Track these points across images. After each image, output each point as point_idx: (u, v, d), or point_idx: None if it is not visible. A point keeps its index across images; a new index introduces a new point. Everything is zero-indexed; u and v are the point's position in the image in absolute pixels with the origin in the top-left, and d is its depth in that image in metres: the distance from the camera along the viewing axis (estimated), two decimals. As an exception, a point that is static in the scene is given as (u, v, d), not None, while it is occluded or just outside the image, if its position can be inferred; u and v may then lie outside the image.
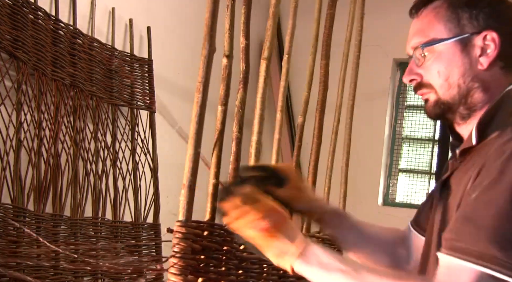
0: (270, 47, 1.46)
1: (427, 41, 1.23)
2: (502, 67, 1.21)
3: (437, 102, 1.24)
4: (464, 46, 1.21)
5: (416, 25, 1.27)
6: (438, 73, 1.22)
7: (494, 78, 1.21)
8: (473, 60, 1.20)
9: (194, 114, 1.12)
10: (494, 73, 1.21)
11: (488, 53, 1.19)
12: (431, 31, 1.23)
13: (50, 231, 2.28)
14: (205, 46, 1.12)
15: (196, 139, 1.13)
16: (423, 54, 1.24)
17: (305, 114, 1.80)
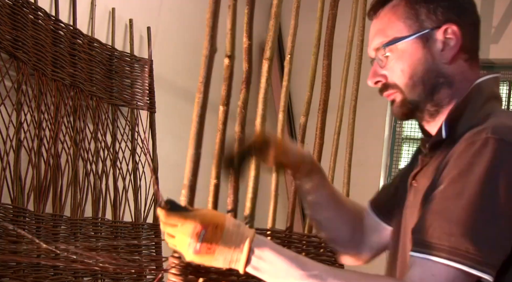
0: (272, 47, 1.46)
1: (388, 41, 1.20)
2: (466, 60, 1.19)
3: (403, 101, 1.21)
4: (425, 42, 1.18)
5: (376, 26, 1.25)
6: (402, 72, 1.19)
7: (459, 71, 1.18)
8: (436, 56, 1.17)
9: (195, 114, 1.12)
10: (458, 66, 1.18)
11: (450, 47, 1.17)
12: (391, 30, 1.20)
13: (50, 231, 2.28)
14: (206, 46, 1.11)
15: (197, 139, 1.12)
16: (385, 55, 1.21)
17: (307, 114, 1.80)
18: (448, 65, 1.17)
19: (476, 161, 1.01)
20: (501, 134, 1.03)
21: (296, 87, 3.80)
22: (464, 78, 1.18)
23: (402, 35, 1.19)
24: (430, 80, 1.18)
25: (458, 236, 0.99)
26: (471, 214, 0.99)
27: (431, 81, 1.18)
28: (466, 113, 1.15)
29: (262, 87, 1.45)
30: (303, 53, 2.62)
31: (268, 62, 1.46)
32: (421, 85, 1.18)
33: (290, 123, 4.18)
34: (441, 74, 1.18)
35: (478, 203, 0.99)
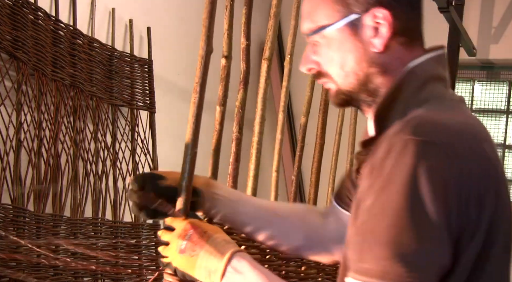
0: (272, 47, 1.46)
1: (316, 28, 1.08)
2: (403, 43, 1.06)
3: (338, 91, 1.10)
4: (355, 28, 1.05)
5: (305, 7, 1.12)
6: (332, 62, 1.08)
7: (394, 57, 1.06)
8: (367, 43, 1.05)
9: (191, 115, 1.11)
10: (393, 52, 1.05)
11: (381, 33, 1.04)
12: (318, 15, 1.08)
13: (50, 231, 2.28)
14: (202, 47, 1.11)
15: (193, 139, 1.12)
16: (315, 41, 1.10)
17: (307, 114, 1.80)
18: (380, 53, 1.05)
19: (395, 171, 0.90)
20: (422, 134, 0.91)
21: (296, 87, 3.80)
22: (401, 64, 1.05)
23: (329, 22, 1.06)
24: (363, 70, 1.06)
25: (389, 259, 0.89)
26: (399, 233, 0.89)
27: (363, 71, 1.06)
28: (397, 104, 1.03)
29: (261, 87, 1.45)
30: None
31: (267, 62, 1.46)
32: (353, 75, 1.07)
33: (290, 123, 4.18)
34: (374, 63, 1.05)
35: (404, 220, 0.88)
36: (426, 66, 1.06)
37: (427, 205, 0.88)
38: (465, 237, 0.91)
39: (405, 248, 0.88)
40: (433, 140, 0.90)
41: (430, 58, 1.07)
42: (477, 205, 0.91)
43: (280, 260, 1.54)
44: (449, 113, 0.99)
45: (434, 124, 0.94)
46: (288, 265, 1.59)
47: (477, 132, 0.98)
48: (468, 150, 0.92)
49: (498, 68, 4.03)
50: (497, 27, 3.88)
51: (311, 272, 1.70)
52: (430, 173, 0.88)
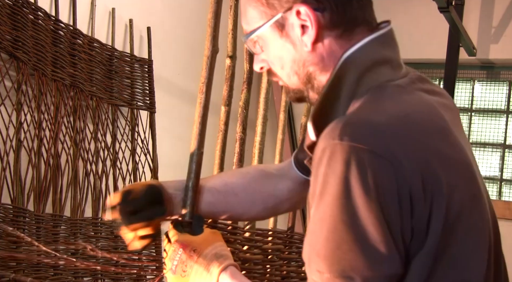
0: (273, 47, 1.46)
1: (249, 31, 1.04)
2: (337, 36, 0.99)
3: (287, 89, 1.07)
4: (282, 28, 1.00)
5: (241, 10, 1.08)
6: (273, 62, 1.04)
7: (330, 52, 0.99)
8: (297, 43, 0.99)
9: (197, 115, 1.11)
10: (327, 47, 0.99)
11: (307, 30, 0.97)
12: (250, 18, 1.04)
13: (50, 232, 2.27)
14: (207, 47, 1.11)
15: (200, 139, 1.12)
16: (253, 42, 1.05)
17: (308, 114, 1.79)
18: (313, 51, 0.99)
19: (328, 179, 0.85)
20: (350, 136, 0.84)
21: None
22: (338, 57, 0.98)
23: (258, 25, 1.02)
24: (301, 70, 1.01)
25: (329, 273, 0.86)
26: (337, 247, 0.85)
27: (302, 71, 1.01)
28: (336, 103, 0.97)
29: (263, 87, 1.45)
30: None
31: (269, 62, 1.45)
32: (295, 74, 1.02)
33: (290, 124, 4.18)
34: (309, 62, 1.00)
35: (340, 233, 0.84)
36: (364, 52, 0.98)
37: (363, 216, 0.83)
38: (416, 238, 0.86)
39: (342, 263, 0.84)
40: (361, 144, 0.83)
41: (369, 41, 0.99)
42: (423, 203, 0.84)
43: (281, 260, 1.54)
44: (388, 104, 0.91)
45: (364, 124, 0.87)
46: (289, 265, 1.59)
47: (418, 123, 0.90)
48: (401, 147, 0.85)
49: (498, 68, 4.03)
50: (497, 27, 3.88)
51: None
52: (361, 181, 0.82)
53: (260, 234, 1.46)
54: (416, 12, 4.00)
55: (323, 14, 0.97)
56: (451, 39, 3.49)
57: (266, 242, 1.49)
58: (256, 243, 1.43)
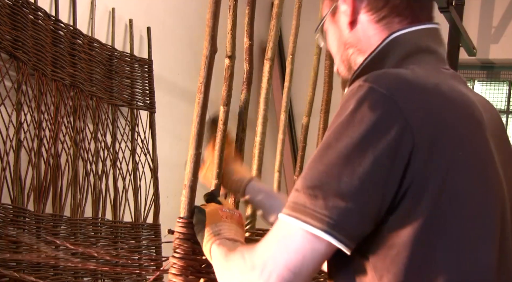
0: (274, 47, 1.46)
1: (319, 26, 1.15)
2: (377, 21, 1.04)
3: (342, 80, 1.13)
4: (334, 16, 1.10)
5: None
6: (332, 52, 1.13)
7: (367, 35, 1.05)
8: (343, 27, 1.08)
9: (195, 115, 1.11)
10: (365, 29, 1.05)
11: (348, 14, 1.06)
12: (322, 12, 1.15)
13: (50, 232, 2.27)
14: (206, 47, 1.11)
15: (198, 139, 1.12)
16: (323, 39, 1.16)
17: (309, 114, 1.80)
18: (351, 33, 1.06)
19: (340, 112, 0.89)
20: (374, 80, 0.88)
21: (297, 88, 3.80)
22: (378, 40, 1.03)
23: (324, 15, 1.13)
24: (344, 54, 1.09)
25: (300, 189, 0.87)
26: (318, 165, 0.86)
27: (345, 55, 1.09)
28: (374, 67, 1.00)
29: (264, 87, 1.45)
30: (304, 53, 2.61)
31: (270, 62, 1.45)
32: (342, 63, 1.11)
33: (291, 124, 4.18)
34: (348, 44, 1.07)
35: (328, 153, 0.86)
36: (412, 36, 1.02)
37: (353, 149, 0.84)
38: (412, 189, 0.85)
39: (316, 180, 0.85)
40: (381, 88, 0.86)
41: (418, 30, 1.02)
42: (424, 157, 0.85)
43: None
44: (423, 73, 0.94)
45: (392, 74, 0.91)
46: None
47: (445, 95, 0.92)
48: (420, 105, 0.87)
49: (498, 68, 4.03)
50: (497, 27, 3.88)
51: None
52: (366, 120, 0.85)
53: (260, 234, 1.46)
54: (416, 12, 4.00)
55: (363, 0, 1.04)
56: (451, 39, 3.49)
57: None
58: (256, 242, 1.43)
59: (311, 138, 1.79)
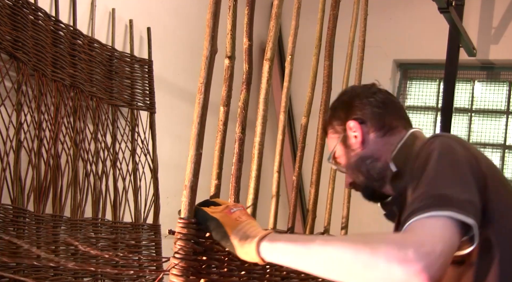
0: (273, 48, 1.46)
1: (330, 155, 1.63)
2: (383, 135, 1.52)
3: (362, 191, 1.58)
4: (345, 142, 1.56)
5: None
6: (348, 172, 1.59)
7: (380, 145, 1.51)
8: (354, 146, 1.54)
9: (195, 115, 1.11)
10: (375, 143, 1.52)
11: (357, 136, 1.53)
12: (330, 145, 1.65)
13: (50, 232, 2.27)
14: (206, 47, 1.11)
15: (198, 140, 1.12)
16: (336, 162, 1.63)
17: (308, 115, 1.79)
18: (365, 149, 1.52)
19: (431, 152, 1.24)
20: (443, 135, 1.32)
21: (296, 88, 3.81)
22: (388, 148, 1.50)
23: (333, 147, 1.61)
24: (363, 166, 1.52)
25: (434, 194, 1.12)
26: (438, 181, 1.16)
27: (364, 167, 1.52)
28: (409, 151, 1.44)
29: (263, 88, 1.45)
30: (304, 53, 2.61)
31: (269, 63, 1.45)
32: (359, 174, 1.54)
33: (290, 124, 4.18)
34: (365, 157, 1.52)
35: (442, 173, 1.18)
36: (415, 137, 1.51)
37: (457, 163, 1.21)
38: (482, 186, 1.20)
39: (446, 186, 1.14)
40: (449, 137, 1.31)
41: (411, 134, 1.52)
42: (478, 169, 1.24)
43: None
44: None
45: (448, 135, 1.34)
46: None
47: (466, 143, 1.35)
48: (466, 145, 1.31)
49: (498, 69, 4.03)
50: (497, 28, 3.88)
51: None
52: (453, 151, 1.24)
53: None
54: (416, 12, 4.01)
55: (368, 123, 1.54)
56: (451, 40, 3.49)
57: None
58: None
59: (310, 139, 1.79)
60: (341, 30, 1.98)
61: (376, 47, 4.00)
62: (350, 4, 2.09)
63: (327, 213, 1.92)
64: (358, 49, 2.11)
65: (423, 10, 3.92)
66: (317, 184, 1.82)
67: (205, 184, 1.34)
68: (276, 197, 1.64)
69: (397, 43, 4.07)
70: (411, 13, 4.04)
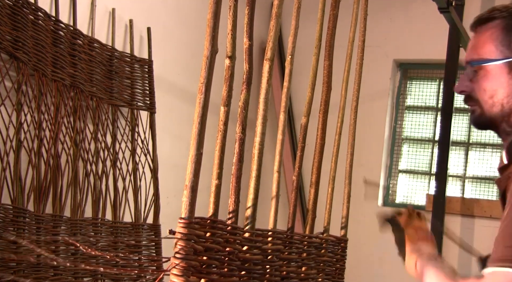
0: (273, 48, 1.46)
1: (478, 59, 1.32)
2: None
3: (481, 116, 1.34)
4: (510, 68, 1.29)
5: (472, 41, 1.37)
6: (484, 91, 1.31)
7: None
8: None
9: (196, 115, 1.11)
10: None
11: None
12: (483, 50, 1.32)
13: (50, 232, 2.27)
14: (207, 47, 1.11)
15: (199, 140, 1.12)
16: (474, 70, 1.33)
17: (308, 115, 1.79)
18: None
19: None
20: None
21: (296, 88, 3.81)
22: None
23: (492, 58, 1.31)
24: (509, 103, 1.30)
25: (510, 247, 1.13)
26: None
27: (509, 105, 1.30)
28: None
29: (263, 88, 1.45)
30: (304, 54, 2.62)
31: (269, 63, 1.45)
32: (499, 106, 1.30)
33: (290, 124, 4.18)
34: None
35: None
36: None
37: None
38: None
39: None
40: None
41: None
42: None
43: (281, 260, 1.54)
44: None
45: None
46: (289, 266, 1.59)
47: None
48: None
49: (498, 69, 4.03)
50: (497, 28, 3.88)
51: (311, 273, 1.70)
52: None
53: (260, 234, 1.46)
54: (416, 12, 4.01)
55: None
56: (451, 39, 3.49)
57: (266, 243, 1.49)
58: (256, 243, 1.43)
59: (310, 139, 1.79)
60: (341, 30, 1.98)
61: (376, 47, 4.01)
62: (350, 4, 2.09)
63: (327, 213, 1.92)
64: (358, 49, 2.11)
65: (423, 10, 3.92)
66: (317, 184, 1.82)
67: (206, 184, 1.34)
68: (276, 197, 1.64)
69: (397, 43, 4.07)
70: (411, 13, 4.04)
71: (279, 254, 1.54)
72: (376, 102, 4.11)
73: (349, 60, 2.04)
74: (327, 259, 1.79)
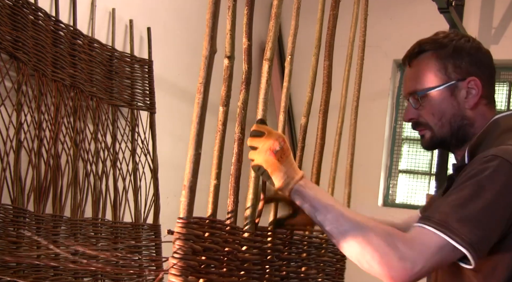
0: (273, 48, 1.46)
1: (422, 89, 1.47)
2: (485, 104, 1.46)
3: (432, 138, 1.50)
4: (452, 91, 1.45)
5: (410, 73, 1.52)
6: (433, 115, 1.47)
7: (480, 113, 1.46)
8: (461, 102, 1.45)
9: (195, 115, 1.11)
10: (479, 110, 1.46)
11: (472, 96, 1.44)
12: (423, 80, 1.48)
13: (50, 232, 2.27)
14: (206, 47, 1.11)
15: (197, 140, 1.12)
16: (418, 99, 1.48)
17: (308, 115, 1.79)
18: (470, 110, 1.45)
19: (479, 173, 1.27)
20: (503, 155, 1.29)
21: (296, 88, 3.81)
22: (484, 119, 1.45)
23: (434, 85, 1.46)
24: (456, 122, 1.46)
25: (451, 216, 1.22)
26: (467, 204, 1.24)
27: (457, 123, 1.46)
28: (484, 142, 1.40)
29: (263, 88, 1.45)
30: (303, 54, 2.61)
31: (269, 63, 1.45)
32: (448, 125, 1.47)
33: (290, 124, 4.18)
34: (465, 117, 1.46)
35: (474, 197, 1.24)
36: (507, 118, 1.44)
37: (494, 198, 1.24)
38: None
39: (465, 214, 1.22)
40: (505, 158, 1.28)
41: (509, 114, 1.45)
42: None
43: (280, 260, 1.54)
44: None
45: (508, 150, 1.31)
46: (289, 266, 1.59)
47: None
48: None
49: (498, 69, 4.01)
50: (497, 28, 3.88)
51: (311, 273, 1.70)
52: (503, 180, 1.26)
53: (259, 234, 1.46)
54: (416, 12, 4.01)
55: (482, 87, 1.45)
56: (451, 40, 3.48)
57: (265, 242, 1.49)
58: (255, 243, 1.43)
59: (310, 139, 1.79)
60: (341, 30, 1.98)
61: (376, 47, 4.01)
62: (350, 4, 2.09)
63: (327, 213, 1.92)
64: (358, 49, 2.11)
65: (423, 10, 3.92)
66: (317, 184, 1.82)
67: (205, 184, 1.34)
68: (275, 197, 1.64)
69: (397, 43, 4.07)
70: (411, 13, 4.04)
71: (279, 254, 1.54)
72: (376, 102, 4.11)
73: (349, 60, 2.03)
74: (327, 259, 1.79)
